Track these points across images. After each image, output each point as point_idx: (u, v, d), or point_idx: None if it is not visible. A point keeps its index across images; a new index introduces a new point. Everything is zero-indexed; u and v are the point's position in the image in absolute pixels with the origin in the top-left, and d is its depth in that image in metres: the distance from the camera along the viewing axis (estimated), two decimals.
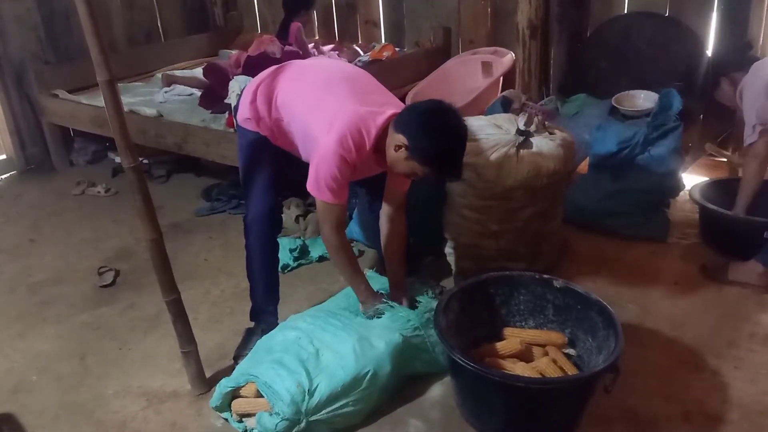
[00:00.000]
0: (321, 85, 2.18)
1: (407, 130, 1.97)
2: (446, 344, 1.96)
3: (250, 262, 2.44)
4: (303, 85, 2.21)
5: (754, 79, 2.66)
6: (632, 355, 2.26)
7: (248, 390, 2.06)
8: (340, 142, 1.99)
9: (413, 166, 2.01)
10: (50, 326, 2.75)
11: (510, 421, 2.00)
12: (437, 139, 1.96)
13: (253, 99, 2.23)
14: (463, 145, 2.02)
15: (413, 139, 1.96)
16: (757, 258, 2.66)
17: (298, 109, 2.17)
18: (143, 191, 1.97)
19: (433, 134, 1.96)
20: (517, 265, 2.65)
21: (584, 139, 3.34)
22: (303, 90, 2.19)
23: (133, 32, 5.08)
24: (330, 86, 2.16)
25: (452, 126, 1.99)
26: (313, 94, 2.16)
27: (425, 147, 1.96)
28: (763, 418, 2.04)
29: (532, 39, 3.84)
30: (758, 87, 2.63)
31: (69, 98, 4.31)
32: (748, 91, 2.69)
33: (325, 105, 2.10)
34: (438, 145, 1.96)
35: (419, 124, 1.97)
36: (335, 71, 2.29)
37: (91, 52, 1.77)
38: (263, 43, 4.10)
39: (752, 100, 2.65)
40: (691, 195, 3.05)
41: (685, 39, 3.66)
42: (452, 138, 1.99)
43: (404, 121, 1.99)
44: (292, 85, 2.20)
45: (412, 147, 1.96)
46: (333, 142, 2.00)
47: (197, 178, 4.23)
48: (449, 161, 2.01)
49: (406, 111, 2.04)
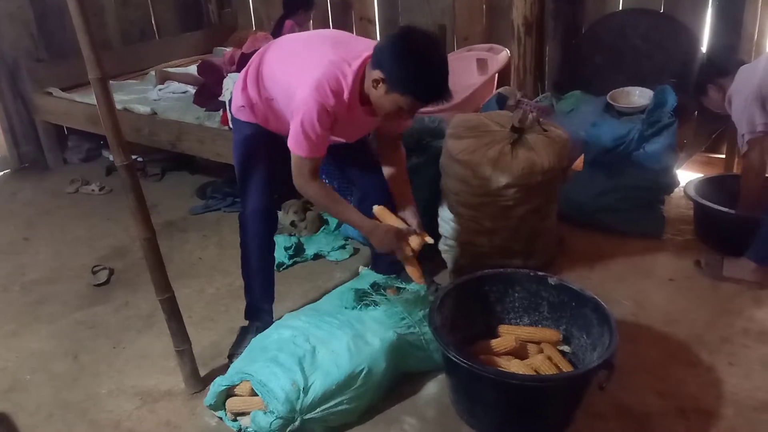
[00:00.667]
0: (299, 50, 2.15)
1: (380, 63, 1.91)
2: (441, 342, 1.96)
3: (246, 260, 2.43)
4: (282, 54, 2.18)
5: (742, 86, 2.62)
6: (627, 351, 2.26)
7: (243, 388, 2.05)
8: (316, 90, 1.95)
9: (396, 100, 1.94)
10: (44, 325, 2.74)
11: (505, 419, 2.00)
12: (411, 63, 1.87)
13: (244, 86, 2.22)
14: (440, 62, 1.92)
15: (388, 70, 1.90)
16: (748, 255, 2.66)
17: (279, 77, 2.13)
18: (136, 189, 1.96)
19: (406, 58, 1.87)
20: (512, 262, 2.65)
21: (579, 136, 3.34)
22: (282, 58, 2.16)
23: (127, 30, 5.05)
24: (307, 47, 2.13)
25: (425, 46, 1.90)
26: (291, 60, 2.13)
27: (400, 74, 1.89)
28: (758, 414, 2.04)
29: (527, 36, 3.83)
30: (746, 94, 2.60)
31: (62, 96, 4.30)
32: (736, 99, 2.66)
33: (302, 63, 2.06)
34: (413, 69, 1.88)
35: (390, 53, 1.89)
36: (313, 35, 2.27)
37: (83, 49, 1.76)
38: (257, 40, 4.09)
39: (741, 108, 2.62)
40: (686, 191, 3.05)
41: (680, 35, 3.66)
42: (427, 58, 1.89)
43: (377, 56, 1.94)
44: (273, 58, 2.18)
45: (389, 78, 1.90)
46: (309, 91, 1.95)
47: (192, 176, 4.22)
48: (429, 83, 1.91)
49: (376, 46, 1.96)
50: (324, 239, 3.23)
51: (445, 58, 1.94)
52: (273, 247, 2.46)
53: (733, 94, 2.67)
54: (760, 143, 2.64)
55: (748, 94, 2.58)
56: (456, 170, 2.62)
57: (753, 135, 2.62)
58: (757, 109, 2.57)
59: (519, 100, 3.55)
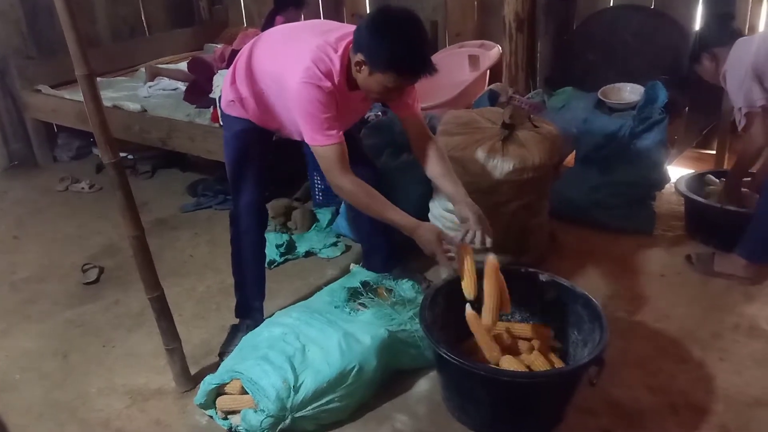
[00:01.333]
0: (285, 39, 2.14)
1: (360, 45, 1.91)
2: (432, 339, 1.95)
3: (237, 256, 2.42)
4: (269, 45, 2.16)
5: (738, 61, 2.57)
6: (617, 347, 2.27)
7: (233, 387, 2.04)
8: (306, 74, 1.93)
9: (379, 80, 1.92)
10: (34, 324, 2.73)
11: (496, 415, 2.00)
12: (387, 39, 1.86)
13: (233, 80, 2.21)
14: (417, 35, 1.89)
15: (367, 51, 1.89)
16: (738, 252, 2.67)
17: (268, 67, 2.11)
18: (124, 187, 1.95)
19: (382, 35, 1.86)
20: (504, 258, 2.64)
21: (571, 132, 3.34)
22: (270, 49, 2.15)
23: (116, 26, 5.02)
24: (293, 36, 2.12)
25: (400, 21, 1.88)
26: (278, 49, 2.11)
27: (379, 52, 1.87)
28: (748, 409, 2.05)
29: (519, 32, 3.83)
30: (742, 69, 2.54)
31: (52, 93, 4.27)
32: (731, 74, 2.60)
33: (289, 51, 2.05)
34: (389, 44, 1.86)
35: (366, 33, 1.89)
36: (299, 25, 2.26)
37: (69, 46, 1.74)
38: (248, 36, 4.05)
39: (737, 83, 2.57)
40: (677, 187, 3.06)
41: (671, 31, 3.67)
42: (402, 32, 1.87)
43: (356, 38, 1.93)
44: (261, 50, 2.16)
45: (369, 59, 1.90)
46: (302, 79, 1.93)
47: (183, 174, 4.20)
48: (407, 56, 1.88)
49: (356, 29, 1.95)
50: (315, 236, 3.22)
51: (422, 31, 1.92)
52: (264, 243, 2.45)
53: (728, 69, 2.61)
54: (761, 117, 2.60)
55: (744, 72, 2.53)
56: None
57: (752, 109, 2.58)
58: (754, 84, 2.53)
59: (511, 96, 3.54)
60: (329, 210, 3.34)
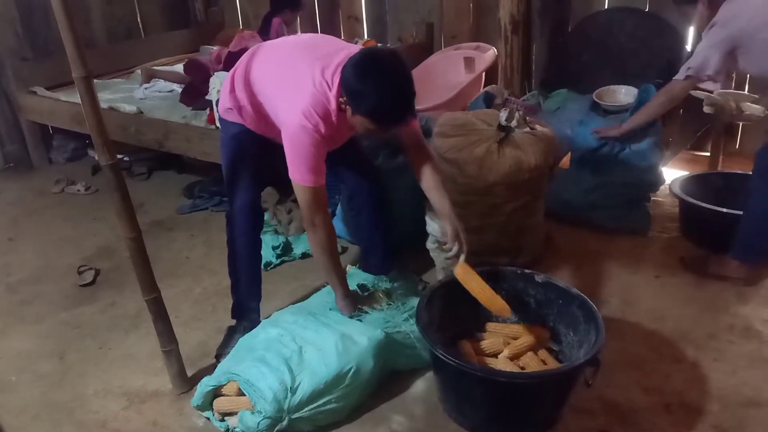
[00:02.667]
0: (283, 63, 2.12)
1: (344, 86, 1.91)
2: (428, 340, 1.96)
3: (232, 258, 2.42)
4: (270, 66, 2.15)
5: (721, 29, 2.50)
6: (613, 348, 2.28)
7: (230, 389, 2.04)
8: (304, 117, 1.94)
9: (361, 122, 1.94)
10: (30, 325, 2.72)
11: (492, 416, 2.01)
12: (369, 88, 1.86)
13: (231, 88, 2.21)
14: (398, 86, 1.88)
15: (349, 95, 1.90)
16: (732, 254, 2.68)
17: (266, 91, 2.12)
18: (121, 189, 1.95)
19: (364, 83, 1.86)
20: (499, 259, 2.66)
21: (566, 134, 3.36)
22: (270, 71, 2.13)
23: (112, 28, 5.02)
24: (289, 64, 2.09)
25: (383, 69, 1.87)
26: (277, 74, 2.10)
27: (360, 99, 1.88)
28: (743, 410, 2.06)
29: (514, 34, 3.84)
30: (719, 38, 2.50)
31: (47, 95, 4.27)
32: (710, 35, 2.54)
33: (288, 81, 2.05)
34: (371, 93, 1.86)
35: (349, 77, 1.88)
36: (298, 45, 2.20)
37: (66, 47, 1.74)
38: (244, 38, 4.07)
39: (706, 46, 2.54)
40: (672, 189, 3.07)
41: (665, 34, 3.69)
42: (384, 82, 1.86)
43: (343, 78, 1.92)
44: (261, 67, 2.16)
45: (351, 103, 1.90)
46: (299, 120, 1.95)
47: (179, 176, 4.20)
48: (388, 107, 1.89)
49: (343, 68, 1.93)
50: None
51: (405, 80, 1.90)
52: (259, 244, 2.45)
53: (715, 23, 2.53)
54: (693, 82, 2.64)
55: (723, 36, 2.49)
56: (443, 168, 2.62)
57: (697, 75, 2.59)
58: (719, 54, 2.51)
59: (506, 98, 3.56)
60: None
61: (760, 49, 2.45)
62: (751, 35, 2.45)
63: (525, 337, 2.20)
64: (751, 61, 2.52)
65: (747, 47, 2.48)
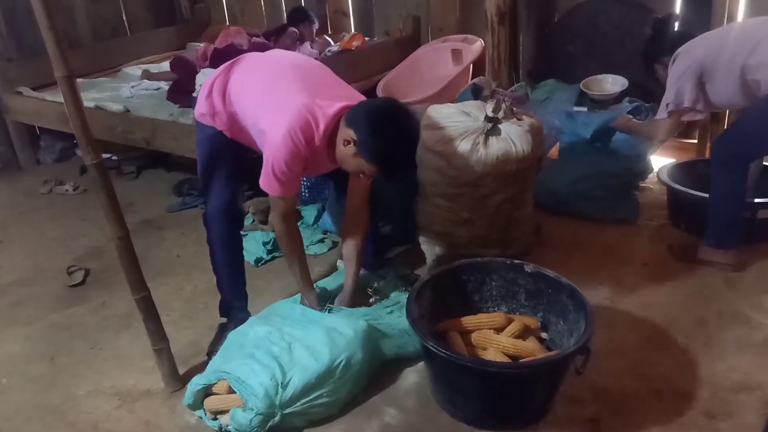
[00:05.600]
0: (270, 79, 2.13)
1: (357, 126, 1.94)
2: (419, 332, 1.96)
3: (213, 258, 2.43)
4: (253, 79, 2.16)
5: (683, 60, 2.58)
6: (603, 336, 2.30)
7: (220, 387, 2.04)
8: (288, 135, 1.96)
9: (360, 163, 1.99)
10: (20, 327, 2.71)
11: (484, 406, 2.01)
12: (386, 139, 1.94)
13: (208, 94, 2.20)
14: (412, 147, 2.01)
15: (362, 136, 1.93)
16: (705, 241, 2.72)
17: (249, 103, 2.13)
18: (107, 188, 1.94)
19: (382, 133, 1.93)
20: (489, 251, 2.67)
21: (554, 124, 3.37)
22: (253, 84, 2.14)
23: (98, 26, 4.98)
24: (279, 79, 2.11)
25: (403, 128, 1.97)
26: (262, 88, 2.11)
27: (373, 145, 1.94)
28: (733, 395, 2.08)
29: (501, 25, 3.84)
30: (684, 68, 2.57)
31: (33, 95, 4.23)
32: (675, 67, 2.61)
33: (273, 98, 2.07)
34: (386, 146, 1.94)
35: (369, 122, 1.94)
36: (286, 64, 2.22)
37: (48, 46, 1.73)
38: (230, 35, 4.06)
39: (675, 78, 2.61)
40: (659, 176, 3.09)
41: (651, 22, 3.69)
42: (401, 140, 1.96)
43: (355, 117, 1.96)
44: (243, 79, 2.17)
45: (360, 143, 1.94)
46: (282, 135, 1.97)
47: (168, 174, 4.19)
48: (395, 162, 2.00)
49: (358, 106, 2.00)
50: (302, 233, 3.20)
51: (416, 137, 2.03)
52: (240, 243, 2.45)
53: (675, 60, 2.62)
54: (675, 117, 2.69)
55: (688, 65, 2.56)
56: (432, 161, 2.63)
57: (677, 108, 2.64)
58: (690, 83, 2.56)
59: (494, 90, 3.56)
60: (315, 207, 3.35)
61: (722, 76, 2.51)
62: (712, 62, 2.52)
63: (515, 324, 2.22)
64: (716, 90, 2.58)
65: (710, 74, 2.54)
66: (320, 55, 4.34)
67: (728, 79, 2.50)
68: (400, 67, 4.26)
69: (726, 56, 2.48)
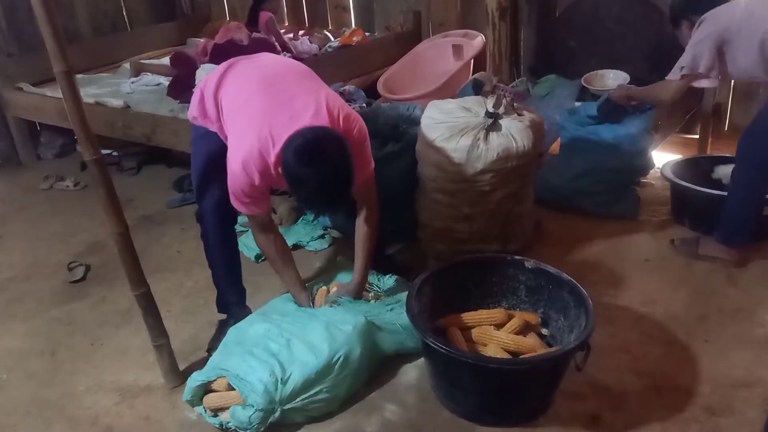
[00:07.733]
0: (238, 105, 2.09)
1: (284, 172, 1.93)
2: (419, 328, 1.96)
3: (208, 254, 2.43)
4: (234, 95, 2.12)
5: (706, 25, 2.53)
6: (604, 332, 2.29)
7: (220, 384, 2.03)
8: (242, 167, 1.97)
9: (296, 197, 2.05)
10: (20, 323, 2.71)
11: (484, 402, 2.02)
12: (301, 188, 1.95)
13: (201, 97, 2.21)
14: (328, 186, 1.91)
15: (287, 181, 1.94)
16: (715, 237, 2.69)
17: (227, 118, 2.13)
18: (107, 184, 1.94)
19: (298, 185, 1.94)
20: (490, 247, 2.66)
21: (555, 120, 3.36)
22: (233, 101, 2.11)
23: (98, 22, 4.98)
24: (246, 104, 2.06)
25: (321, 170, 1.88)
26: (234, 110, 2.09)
27: (295, 193, 2.04)
28: (734, 391, 2.07)
29: (502, 21, 3.84)
30: (705, 34, 2.52)
31: (33, 91, 4.22)
32: (698, 31, 2.56)
33: (237, 125, 2.06)
34: (306, 194, 1.97)
35: (288, 173, 1.92)
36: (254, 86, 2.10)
37: (46, 41, 1.72)
38: (230, 30, 4.04)
39: (695, 42, 2.56)
40: (663, 172, 3.08)
41: (653, 17, 3.68)
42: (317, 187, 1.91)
43: (283, 160, 1.92)
44: (227, 91, 2.14)
45: (289, 186, 1.97)
46: (237, 166, 1.98)
47: (168, 170, 4.18)
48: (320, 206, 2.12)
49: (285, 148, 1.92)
50: (303, 229, 3.22)
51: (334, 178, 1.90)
52: (234, 240, 2.44)
53: (701, 24, 2.56)
54: (685, 82, 2.65)
55: (709, 32, 2.51)
56: (432, 157, 2.62)
57: (691, 72, 2.60)
58: (708, 49, 2.52)
59: (495, 85, 3.55)
60: None
61: (744, 45, 2.47)
62: (736, 31, 2.47)
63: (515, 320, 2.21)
64: (735, 60, 2.53)
65: (731, 44, 2.50)
66: (320, 50, 4.33)
67: (749, 49, 2.45)
68: (400, 63, 4.25)
69: (749, 27, 2.44)
